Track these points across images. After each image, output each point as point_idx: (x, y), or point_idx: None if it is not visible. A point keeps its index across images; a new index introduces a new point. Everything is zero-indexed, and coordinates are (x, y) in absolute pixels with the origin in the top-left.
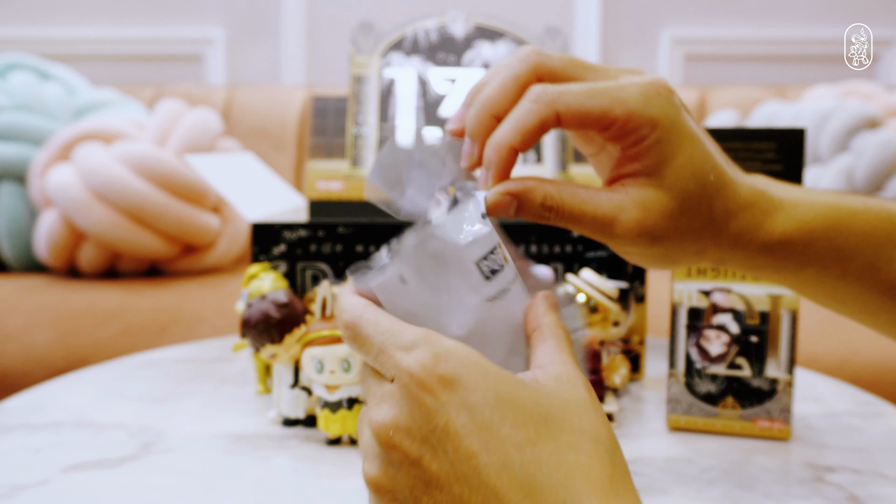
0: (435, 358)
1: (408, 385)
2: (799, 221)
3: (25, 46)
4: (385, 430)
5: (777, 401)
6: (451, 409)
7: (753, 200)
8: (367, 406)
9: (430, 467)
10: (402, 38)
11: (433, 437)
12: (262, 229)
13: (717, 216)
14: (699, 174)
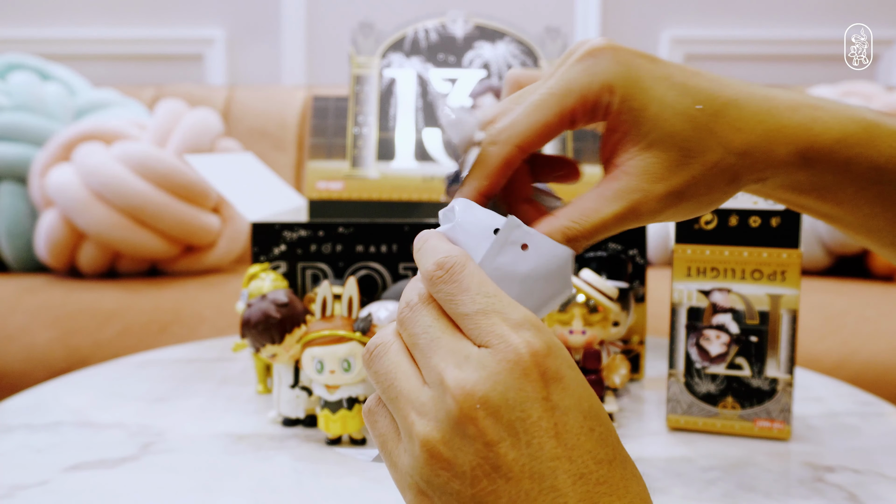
0: (547, 348)
1: (512, 364)
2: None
3: (26, 46)
4: (471, 400)
5: (777, 401)
6: (547, 405)
7: (767, 113)
8: (437, 354)
9: (507, 456)
10: (402, 39)
11: (521, 426)
12: (262, 229)
13: (728, 140)
14: (680, 110)
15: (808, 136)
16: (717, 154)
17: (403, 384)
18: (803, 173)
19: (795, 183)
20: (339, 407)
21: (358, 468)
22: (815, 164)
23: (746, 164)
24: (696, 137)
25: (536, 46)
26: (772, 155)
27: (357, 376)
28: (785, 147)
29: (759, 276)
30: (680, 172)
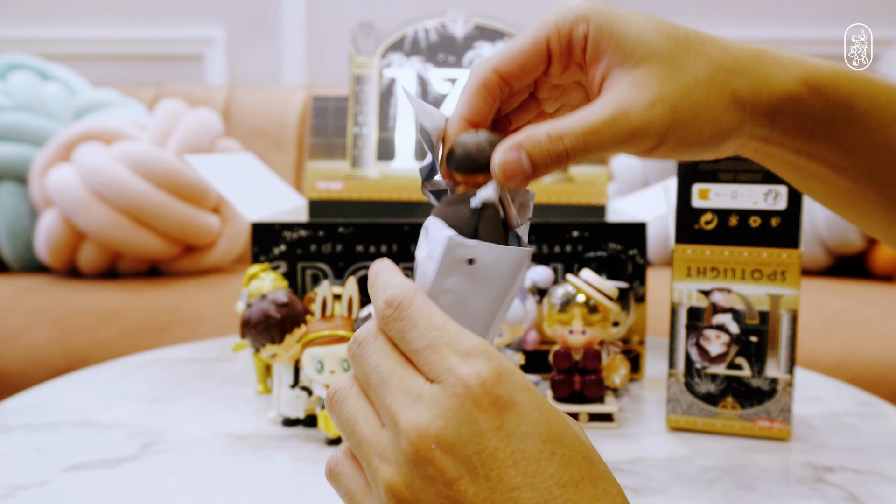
0: (496, 375)
1: (462, 397)
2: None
3: (26, 46)
4: (426, 440)
5: (777, 401)
6: (502, 435)
7: (753, 47)
8: (390, 393)
9: (467, 492)
10: (402, 39)
11: (477, 460)
12: (262, 229)
13: (718, 57)
14: (662, 31)
15: (806, 66)
16: (707, 67)
17: (364, 429)
18: (811, 102)
19: (805, 121)
20: None
21: None
22: (821, 92)
23: (745, 85)
24: (683, 52)
25: None
26: (771, 80)
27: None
28: (783, 73)
29: (759, 276)
30: (669, 81)
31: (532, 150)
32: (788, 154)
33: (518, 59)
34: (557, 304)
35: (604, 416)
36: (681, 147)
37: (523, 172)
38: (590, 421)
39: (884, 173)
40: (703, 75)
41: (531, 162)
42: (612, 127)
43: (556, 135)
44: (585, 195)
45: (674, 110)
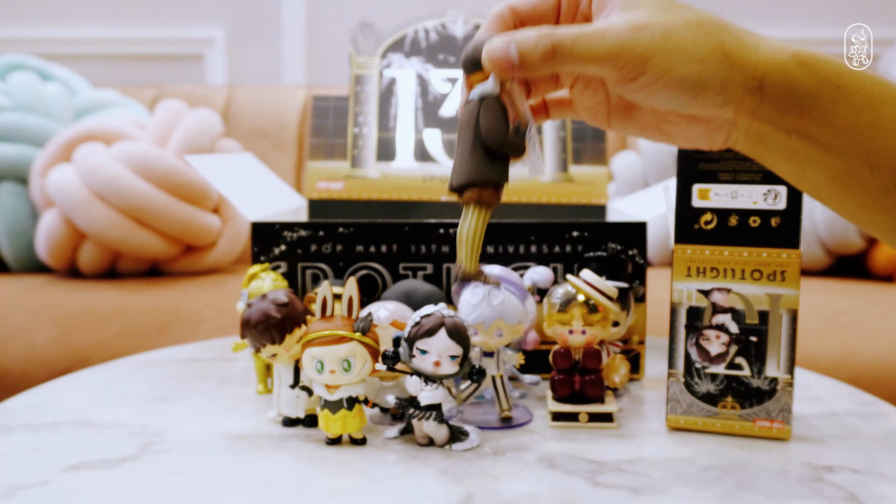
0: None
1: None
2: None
3: (26, 47)
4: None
5: (777, 401)
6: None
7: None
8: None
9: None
10: (402, 39)
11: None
12: (262, 229)
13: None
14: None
15: (793, 46)
16: (698, 17)
17: None
18: (799, 75)
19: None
20: (339, 407)
21: (358, 468)
22: (809, 67)
23: (732, 41)
24: (677, 5)
25: None
26: (759, 46)
27: (357, 376)
28: (770, 45)
29: (759, 276)
30: (660, 16)
31: (520, 41)
32: (780, 135)
33: (530, 3)
34: (557, 304)
35: (604, 416)
36: (665, 79)
37: (509, 61)
38: (589, 421)
39: (875, 154)
40: (692, 20)
41: (518, 52)
42: (601, 37)
43: (547, 32)
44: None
45: (661, 37)
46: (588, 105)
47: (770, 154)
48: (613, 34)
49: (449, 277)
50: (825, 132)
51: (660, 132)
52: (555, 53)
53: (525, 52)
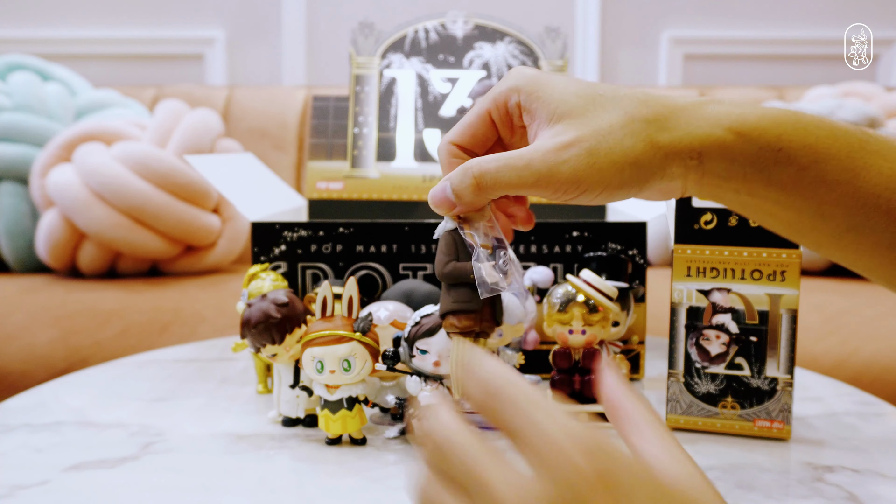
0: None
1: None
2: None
3: (26, 47)
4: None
5: (777, 401)
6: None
7: (675, 109)
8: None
9: None
10: (402, 39)
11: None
12: (262, 229)
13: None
14: (581, 91)
15: (731, 114)
16: (621, 118)
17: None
18: (739, 147)
19: (735, 165)
20: (339, 407)
21: (358, 468)
22: (748, 137)
23: (660, 132)
24: (598, 107)
25: (536, 46)
26: (691, 127)
27: (357, 376)
28: (706, 122)
29: (759, 276)
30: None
31: (452, 179)
32: (729, 194)
33: (468, 132)
34: (557, 304)
35: (604, 416)
36: (607, 190)
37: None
38: (589, 421)
39: (824, 206)
40: (617, 124)
41: (453, 190)
42: (527, 166)
43: (468, 166)
44: None
45: (590, 154)
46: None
47: (726, 202)
48: (539, 160)
49: None
50: (772, 192)
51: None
52: (479, 186)
53: (456, 190)
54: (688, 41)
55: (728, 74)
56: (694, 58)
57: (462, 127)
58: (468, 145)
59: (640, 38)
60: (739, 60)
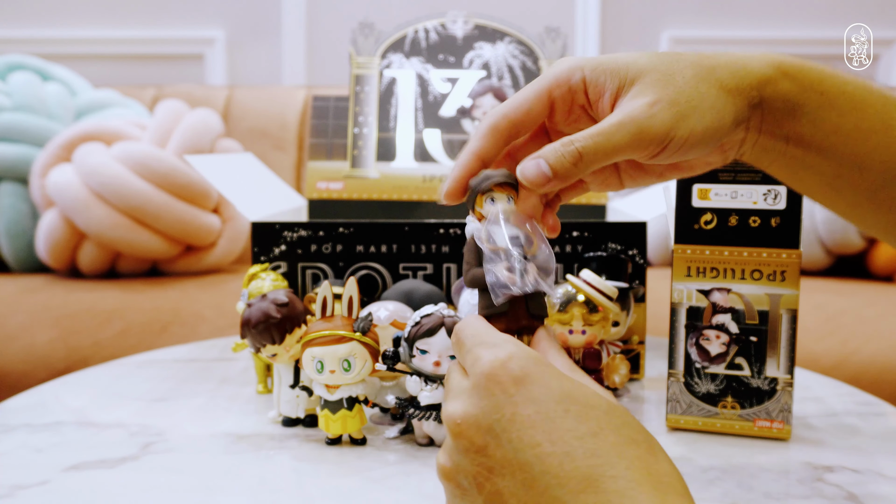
0: (508, 356)
1: (480, 379)
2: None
3: (26, 47)
4: (453, 420)
5: (777, 401)
6: (518, 401)
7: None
8: (446, 402)
9: (495, 455)
10: (402, 39)
11: (498, 427)
12: (262, 229)
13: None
14: (643, 53)
15: (774, 55)
16: (691, 68)
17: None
18: (785, 85)
19: (786, 103)
20: (339, 407)
21: (358, 468)
22: (792, 76)
23: (726, 75)
24: (667, 62)
25: (536, 46)
26: (748, 66)
27: (357, 376)
28: (756, 61)
29: (759, 276)
30: (663, 86)
31: (548, 156)
32: (780, 144)
33: (524, 106)
34: (557, 304)
35: None
36: (689, 142)
37: (544, 175)
38: None
39: (862, 156)
40: (689, 74)
41: (549, 165)
42: (619, 129)
43: (568, 140)
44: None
45: (672, 105)
46: (601, 179)
47: (772, 162)
48: (630, 122)
49: (449, 277)
50: (816, 136)
51: (677, 172)
52: (581, 158)
53: (555, 164)
54: (688, 41)
55: None
56: None
57: (518, 101)
58: (518, 121)
59: (640, 38)
60: None
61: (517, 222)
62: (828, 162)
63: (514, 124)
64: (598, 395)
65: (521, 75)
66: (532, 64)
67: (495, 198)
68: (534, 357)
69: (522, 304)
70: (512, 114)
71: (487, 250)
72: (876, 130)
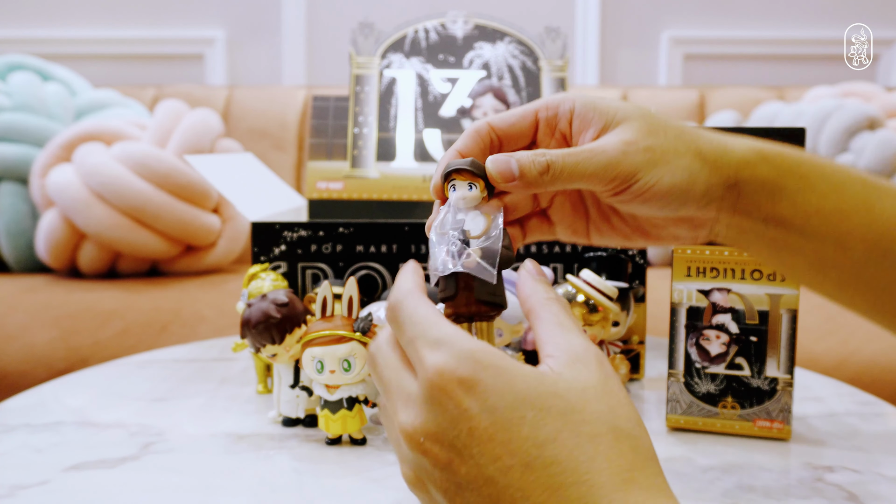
0: (456, 360)
1: (431, 389)
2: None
3: (26, 47)
4: (415, 437)
5: (777, 401)
6: (472, 414)
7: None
8: (394, 401)
9: (460, 471)
10: (402, 39)
11: (459, 442)
12: (262, 229)
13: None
14: (634, 104)
15: (753, 142)
16: (675, 129)
17: (388, 430)
18: (764, 169)
19: (764, 186)
20: (339, 407)
21: (358, 468)
22: (771, 161)
23: (707, 146)
24: (653, 116)
25: (536, 46)
26: (728, 145)
27: (357, 376)
28: (738, 143)
29: (759, 276)
30: (643, 132)
31: (520, 158)
32: (759, 225)
33: (509, 120)
34: None
35: None
36: (653, 191)
37: (510, 172)
38: None
39: (844, 236)
40: (671, 132)
41: (518, 166)
42: (591, 155)
43: (542, 152)
44: None
45: (647, 151)
46: (568, 222)
47: (751, 244)
48: (601, 152)
49: None
50: (797, 217)
51: (644, 237)
52: (549, 169)
53: (524, 167)
54: (688, 41)
55: (728, 74)
56: (694, 58)
57: (504, 114)
58: (503, 135)
59: (640, 38)
60: (739, 60)
61: (472, 209)
62: (810, 243)
63: (496, 133)
64: (551, 393)
65: (521, 75)
66: (532, 64)
67: (456, 185)
68: (478, 356)
69: (463, 290)
70: (497, 123)
71: (435, 234)
72: (857, 211)
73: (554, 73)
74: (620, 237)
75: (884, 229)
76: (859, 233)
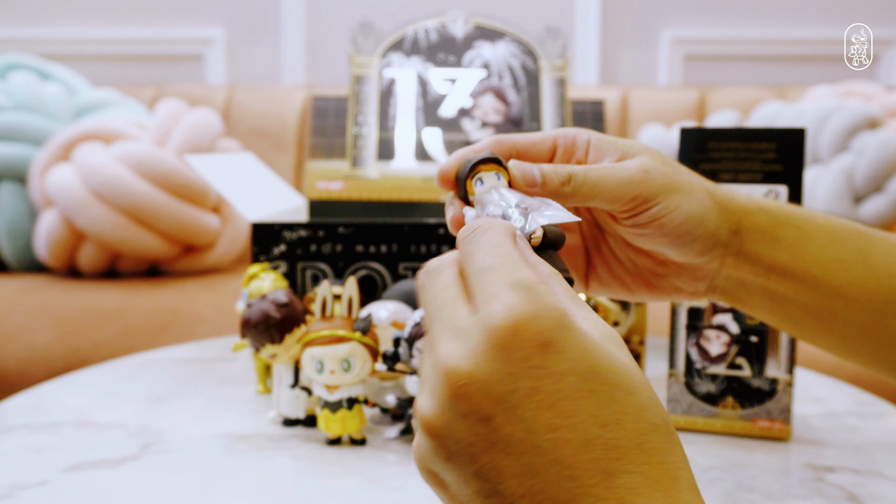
0: (533, 313)
1: (499, 332)
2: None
3: (25, 46)
4: (457, 378)
5: (777, 401)
6: (539, 374)
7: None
8: (442, 329)
9: (502, 429)
10: (402, 39)
11: (511, 399)
12: (262, 229)
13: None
14: (647, 145)
15: (752, 195)
16: (688, 173)
17: (424, 359)
18: (762, 220)
19: (764, 236)
20: (339, 407)
21: (358, 468)
22: (769, 212)
23: (716, 190)
24: (670, 159)
25: (536, 46)
26: (732, 196)
27: (357, 376)
28: (740, 196)
29: None
30: (660, 165)
31: (543, 167)
32: (760, 278)
33: (529, 140)
34: None
35: None
36: (671, 217)
37: (534, 176)
38: None
39: (845, 287)
40: (684, 171)
41: (542, 172)
42: (612, 172)
43: (563, 165)
44: None
45: (667, 178)
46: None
47: (751, 296)
48: (624, 172)
49: None
50: (799, 267)
51: (646, 286)
52: (570, 181)
53: (546, 175)
54: (688, 41)
55: (728, 74)
56: (694, 58)
57: (525, 136)
58: (522, 153)
59: (640, 38)
60: (739, 60)
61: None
62: (812, 293)
63: (517, 151)
64: (621, 368)
65: (521, 75)
66: (532, 64)
67: (483, 178)
68: (561, 315)
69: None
70: (518, 142)
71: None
72: (855, 261)
73: (554, 72)
74: (621, 287)
75: (881, 278)
76: (859, 282)
